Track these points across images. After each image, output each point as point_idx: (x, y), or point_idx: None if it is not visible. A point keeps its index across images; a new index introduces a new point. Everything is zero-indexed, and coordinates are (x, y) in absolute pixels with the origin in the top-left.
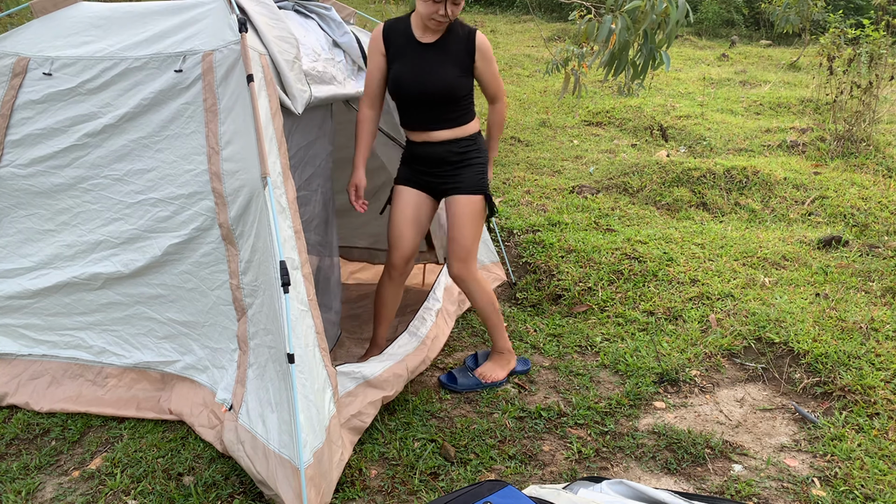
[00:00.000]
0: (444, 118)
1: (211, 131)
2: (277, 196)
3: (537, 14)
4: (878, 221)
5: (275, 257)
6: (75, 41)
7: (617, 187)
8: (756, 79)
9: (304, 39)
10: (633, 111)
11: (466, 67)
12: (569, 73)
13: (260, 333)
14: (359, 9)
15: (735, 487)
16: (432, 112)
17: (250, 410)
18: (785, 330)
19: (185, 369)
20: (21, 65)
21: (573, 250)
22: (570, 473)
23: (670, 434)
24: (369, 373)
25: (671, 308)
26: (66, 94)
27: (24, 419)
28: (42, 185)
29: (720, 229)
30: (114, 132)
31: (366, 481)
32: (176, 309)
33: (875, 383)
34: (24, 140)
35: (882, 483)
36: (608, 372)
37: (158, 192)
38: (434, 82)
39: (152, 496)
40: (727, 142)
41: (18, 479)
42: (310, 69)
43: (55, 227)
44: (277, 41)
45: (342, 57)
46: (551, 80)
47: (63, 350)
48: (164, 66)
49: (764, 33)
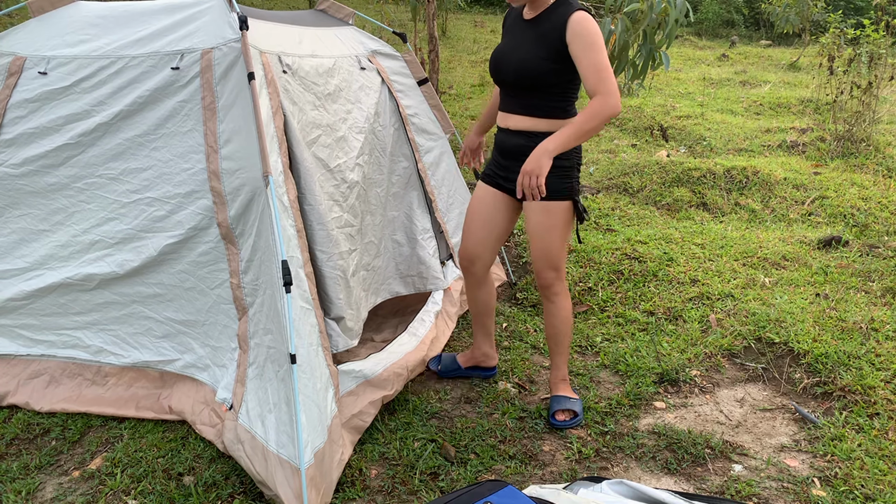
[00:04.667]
0: (524, 104)
1: (209, 130)
2: (279, 195)
3: None
4: (878, 221)
5: (277, 257)
6: (72, 40)
7: (617, 187)
8: (756, 79)
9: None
10: (633, 111)
11: (556, 50)
12: None
13: (259, 333)
14: (358, 9)
15: (735, 487)
16: (513, 96)
17: (250, 410)
18: (785, 330)
19: (186, 368)
20: (17, 64)
21: (573, 250)
22: (570, 473)
23: (670, 434)
24: (370, 372)
25: (671, 308)
26: (60, 92)
27: (24, 419)
28: (36, 184)
29: (720, 229)
30: (108, 130)
31: (366, 481)
32: (174, 308)
33: (875, 383)
34: (17, 139)
35: (882, 483)
36: (608, 372)
37: (154, 192)
38: (511, 61)
39: (152, 496)
40: (727, 142)
41: (18, 479)
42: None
43: (49, 227)
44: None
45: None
46: None
47: (61, 350)
48: (160, 63)
49: (764, 33)
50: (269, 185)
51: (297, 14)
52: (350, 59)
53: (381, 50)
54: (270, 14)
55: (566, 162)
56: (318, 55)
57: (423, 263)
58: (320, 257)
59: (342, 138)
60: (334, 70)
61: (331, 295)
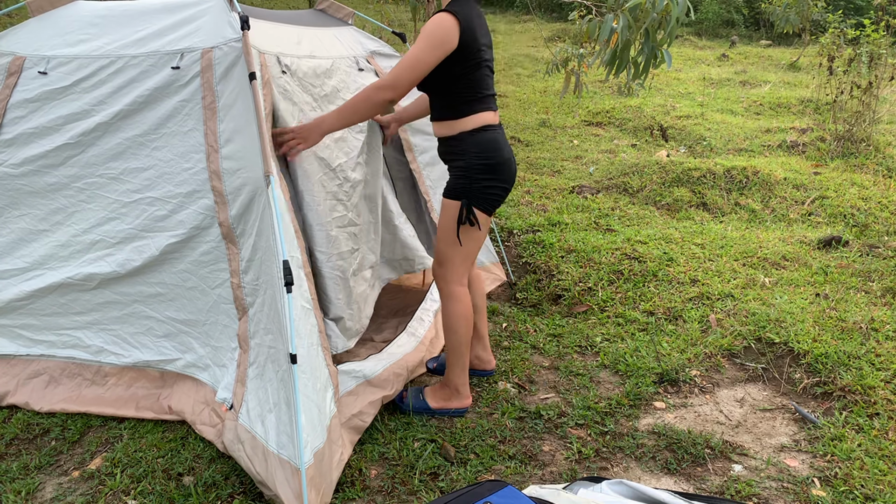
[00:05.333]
0: (433, 109)
1: (210, 129)
2: (279, 194)
3: (537, 14)
4: (878, 221)
5: (278, 256)
6: (72, 40)
7: (617, 187)
8: (756, 79)
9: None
10: (633, 111)
11: None
12: (569, 73)
13: (260, 333)
14: (357, 9)
15: (735, 487)
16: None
17: (250, 410)
18: (785, 330)
19: (186, 367)
20: (17, 64)
21: (573, 250)
22: (570, 473)
23: (670, 434)
24: (370, 372)
25: (671, 308)
26: (59, 92)
27: (24, 419)
28: (35, 184)
29: (720, 229)
30: (108, 130)
31: (366, 481)
32: (175, 307)
33: (875, 383)
34: (17, 139)
35: (882, 483)
36: (608, 372)
37: (155, 191)
38: None
39: (152, 496)
40: (727, 142)
41: (18, 479)
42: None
43: (49, 226)
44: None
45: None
46: (551, 80)
47: (61, 349)
48: (160, 63)
49: (764, 33)
50: (270, 185)
51: (296, 14)
52: (348, 60)
53: (380, 50)
54: (270, 14)
55: (461, 162)
56: (316, 56)
57: (406, 246)
58: (319, 258)
59: (341, 139)
60: (332, 71)
61: (330, 295)
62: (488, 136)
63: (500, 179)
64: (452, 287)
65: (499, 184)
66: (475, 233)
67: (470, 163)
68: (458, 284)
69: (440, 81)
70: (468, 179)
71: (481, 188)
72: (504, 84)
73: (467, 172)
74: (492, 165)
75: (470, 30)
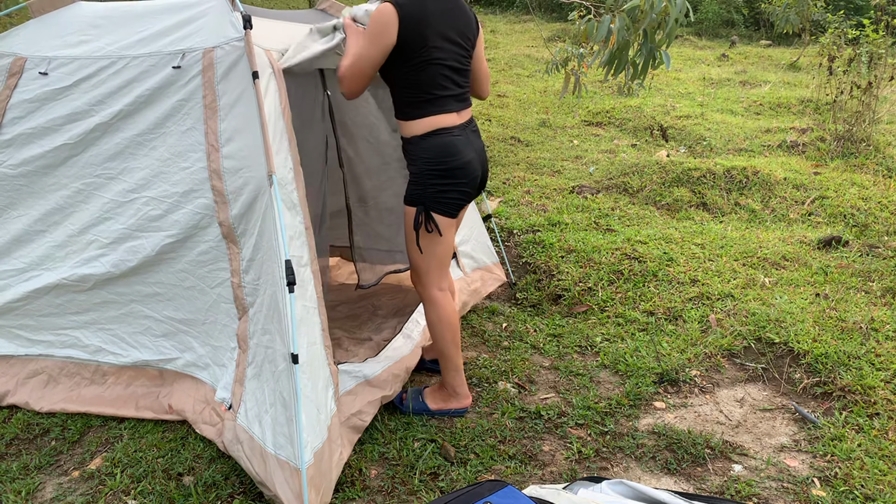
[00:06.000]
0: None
1: (210, 128)
2: (288, 192)
3: (537, 14)
4: (878, 221)
5: (280, 256)
6: (72, 40)
7: (617, 187)
8: (756, 79)
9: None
10: (633, 111)
11: None
12: (569, 73)
13: (259, 333)
14: None
15: (735, 487)
16: None
17: (248, 410)
18: (785, 330)
19: (186, 366)
20: (18, 64)
21: (573, 250)
22: (570, 473)
23: (670, 434)
24: (369, 372)
25: (671, 308)
26: (59, 92)
27: (24, 419)
28: (34, 184)
29: (720, 229)
30: (107, 130)
31: (366, 481)
32: (174, 307)
33: (875, 383)
34: (16, 140)
35: (882, 483)
36: (608, 372)
37: (151, 191)
38: None
39: (152, 496)
40: (727, 142)
41: (18, 479)
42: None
43: (47, 227)
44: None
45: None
46: (551, 80)
47: (59, 349)
48: (161, 63)
49: (764, 33)
50: (272, 185)
51: (296, 14)
52: None
53: None
54: (271, 13)
55: (414, 168)
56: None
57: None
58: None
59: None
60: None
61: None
62: (441, 140)
63: (457, 183)
64: (430, 292)
65: (455, 187)
66: (436, 237)
67: (421, 168)
68: (437, 289)
69: (389, 78)
70: (421, 186)
71: (435, 192)
72: (504, 84)
73: (419, 178)
74: (444, 171)
75: (414, 24)
